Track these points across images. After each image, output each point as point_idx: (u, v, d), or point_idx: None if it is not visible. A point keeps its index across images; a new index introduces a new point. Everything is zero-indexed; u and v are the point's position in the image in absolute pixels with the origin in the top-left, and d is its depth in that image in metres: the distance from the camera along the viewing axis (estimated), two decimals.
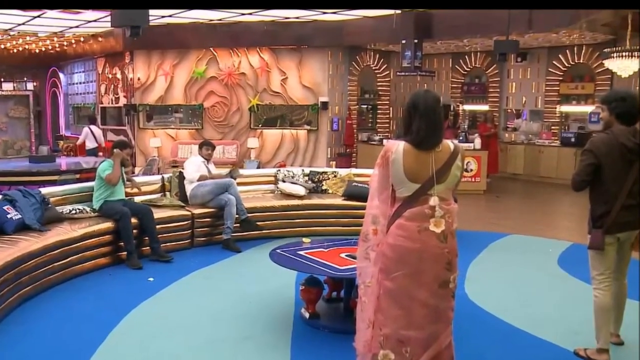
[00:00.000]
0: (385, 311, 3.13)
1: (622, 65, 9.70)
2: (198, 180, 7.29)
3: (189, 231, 7.00)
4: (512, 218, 9.48)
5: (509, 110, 14.93)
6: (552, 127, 13.88)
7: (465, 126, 14.34)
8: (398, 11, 11.59)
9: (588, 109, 13.18)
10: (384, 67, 15.12)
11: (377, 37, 13.23)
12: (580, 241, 6.20)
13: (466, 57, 15.13)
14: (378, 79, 15.29)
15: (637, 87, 10.61)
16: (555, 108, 13.85)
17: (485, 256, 6.91)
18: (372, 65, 14.91)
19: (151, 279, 5.81)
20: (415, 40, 12.18)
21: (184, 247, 6.92)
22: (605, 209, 3.93)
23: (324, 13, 12.22)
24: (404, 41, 12.36)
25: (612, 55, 9.79)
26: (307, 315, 4.71)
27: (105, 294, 5.41)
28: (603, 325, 4.05)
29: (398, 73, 13.77)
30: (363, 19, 12.76)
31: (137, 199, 7.05)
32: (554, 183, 12.71)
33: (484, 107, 15.04)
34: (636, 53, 9.45)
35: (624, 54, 9.57)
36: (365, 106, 15.73)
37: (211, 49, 14.14)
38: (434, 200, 3.06)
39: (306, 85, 13.90)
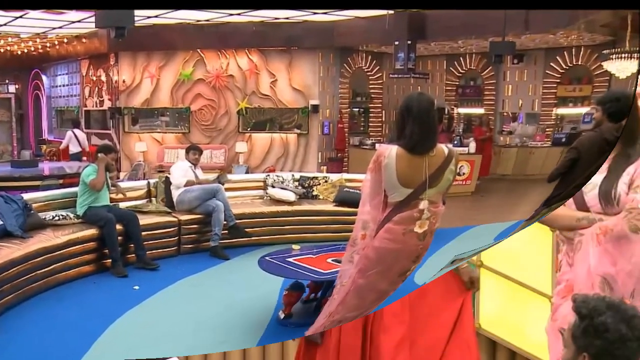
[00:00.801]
0: (346, 304, 3.16)
1: (620, 67, 9.65)
2: (185, 185, 7.17)
3: (176, 238, 6.87)
4: (489, 213, 9.56)
5: (504, 114, 14.86)
6: (547, 130, 13.78)
7: (460, 130, 14.27)
8: (391, 11, 11.51)
9: (584, 110, 13.07)
10: (377, 69, 15.00)
11: (370, 39, 13.12)
12: None
13: (461, 58, 15.00)
14: (370, 82, 15.17)
15: (633, 88, 10.57)
16: (552, 111, 13.78)
17: (453, 245, 6.71)
18: (364, 67, 14.77)
19: (137, 287, 5.72)
20: (409, 42, 12.07)
21: (170, 254, 6.79)
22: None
23: (315, 13, 12.12)
24: (397, 42, 12.24)
25: (611, 56, 9.73)
26: (282, 316, 4.76)
27: (89, 302, 5.35)
28: None
29: (391, 75, 13.68)
30: (355, 20, 12.64)
31: (122, 204, 6.92)
32: (537, 179, 12.61)
33: (479, 110, 14.92)
34: (635, 54, 9.38)
35: (623, 55, 9.49)
36: (357, 109, 15.62)
37: (198, 50, 13.97)
38: (423, 204, 3.07)
39: (296, 87, 13.75)
